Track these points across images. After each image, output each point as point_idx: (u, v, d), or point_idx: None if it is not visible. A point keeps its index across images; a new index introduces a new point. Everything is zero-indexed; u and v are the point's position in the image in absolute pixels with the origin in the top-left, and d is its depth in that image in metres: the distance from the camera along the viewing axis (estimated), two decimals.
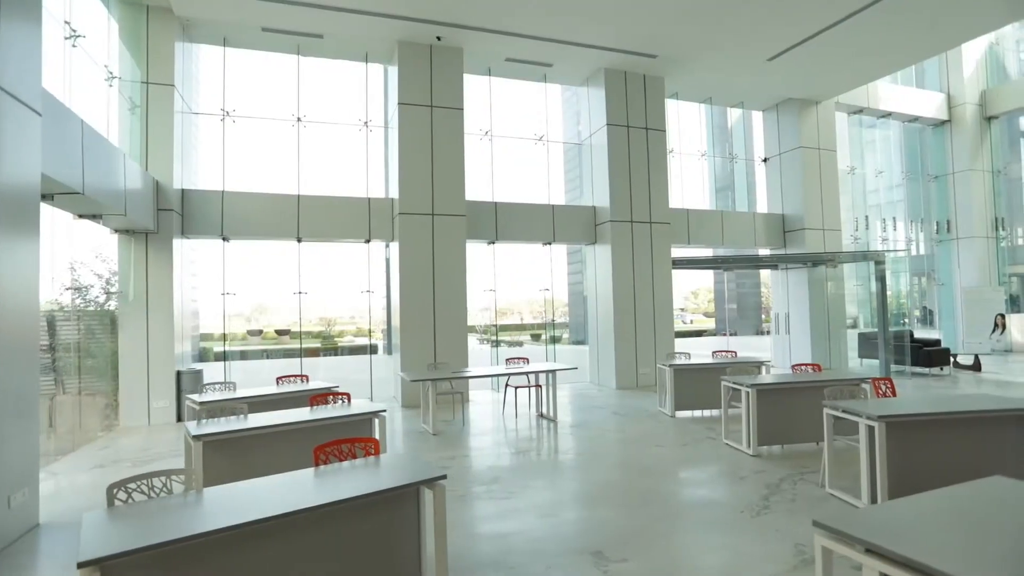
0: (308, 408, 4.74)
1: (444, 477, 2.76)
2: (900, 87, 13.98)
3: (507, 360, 7.83)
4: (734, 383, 5.56)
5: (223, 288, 9.28)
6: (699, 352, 8.42)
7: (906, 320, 15.55)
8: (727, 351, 8.10)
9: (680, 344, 10.10)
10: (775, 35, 9.03)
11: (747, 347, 18.62)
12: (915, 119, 14.14)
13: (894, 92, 13.67)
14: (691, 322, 36.95)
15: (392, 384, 9.24)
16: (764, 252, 12.36)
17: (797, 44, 9.27)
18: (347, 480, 2.75)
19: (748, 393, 5.31)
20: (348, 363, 11.67)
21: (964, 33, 9.60)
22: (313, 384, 6.22)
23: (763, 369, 7.36)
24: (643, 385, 9.71)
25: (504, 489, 4.55)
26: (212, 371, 9.59)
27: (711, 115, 12.92)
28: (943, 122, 14.45)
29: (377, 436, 4.54)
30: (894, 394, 4.91)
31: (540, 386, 7.51)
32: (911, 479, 3.85)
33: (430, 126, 8.97)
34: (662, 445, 5.86)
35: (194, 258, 9.30)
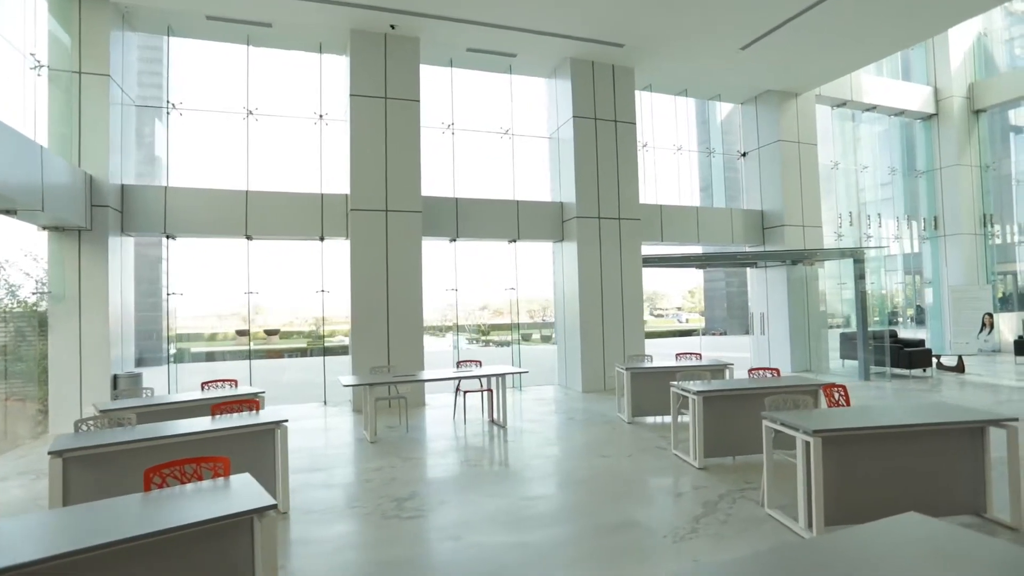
0: (209, 418, 4.35)
1: (275, 506, 2.38)
2: (885, 80, 13.57)
3: (459, 363, 7.45)
4: (682, 389, 5.17)
5: (169, 288, 8.92)
6: (681, 353, 8.04)
7: (900, 320, 15.16)
8: (692, 353, 7.71)
9: (668, 344, 9.75)
10: (746, 23, 8.64)
11: (733, 347, 18.23)
12: (901, 112, 13.73)
13: (879, 85, 13.26)
14: (686, 321, 36.74)
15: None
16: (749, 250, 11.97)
17: (769, 32, 8.88)
18: (169, 509, 2.37)
19: (694, 401, 4.92)
20: (317, 364, 11.30)
21: (944, 20, 9.20)
22: (242, 389, 5.86)
23: (728, 373, 6.99)
24: (610, 388, 9.32)
25: (417, 506, 4.17)
26: (162, 374, 9.25)
27: (701, 110, 12.54)
28: (930, 116, 14.04)
29: (279, 448, 4.15)
30: (847, 403, 4.52)
31: (491, 390, 7.12)
32: (852, 501, 3.47)
33: (384, 119, 8.58)
34: (607, 455, 5.47)
35: (163, 256, 8.97)
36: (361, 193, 8.42)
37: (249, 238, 8.71)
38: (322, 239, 8.93)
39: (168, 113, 8.66)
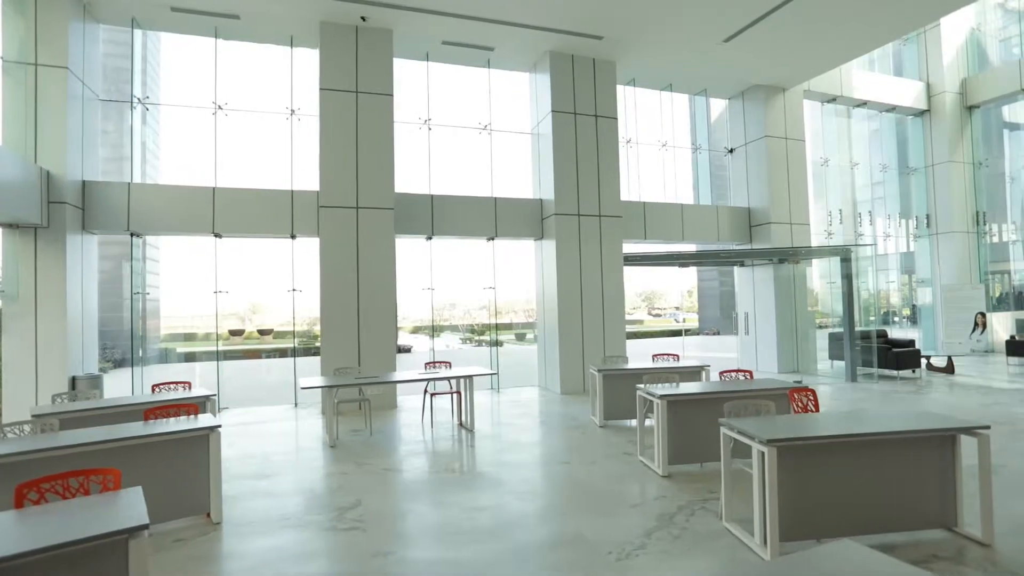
0: (141, 423, 4.12)
1: (147, 527, 2.15)
2: (876, 75, 13.31)
3: (426, 364, 7.22)
4: (647, 393, 4.94)
5: (138, 288, 8.70)
6: (658, 354, 7.81)
7: (896, 319, 14.90)
8: (670, 354, 7.47)
9: (659, 344, 9.51)
10: (727, 15, 8.39)
11: (725, 347, 17.97)
12: (892, 108, 13.47)
13: (870, 80, 13.01)
14: (683, 320, 36.51)
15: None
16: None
17: (752, 24, 8.63)
18: (33, 528, 2.14)
19: (658, 405, 4.69)
20: (301, 365, 11.08)
21: (930, 11, 8.94)
22: (195, 392, 5.63)
23: (704, 375, 6.76)
24: (589, 390, 9.07)
25: (358, 517, 3.93)
26: (137, 375, 9.05)
27: (695, 107, 12.30)
28: (922, 112, 13.78)
29: (212, 455, 3.92)
30: (816, 409, 4.28)
31: (459, 393, 6.89)
32: (812, 515, 3.24)
33: (355, 113, 8.35)
34: (569, 462, 5.24)
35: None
36: (331, 190, 8.19)
37: (218, 236, 8.48)
38: (293, 237, 8.70)
39: (134, 108, 8.43)
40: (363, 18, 8.26)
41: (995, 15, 14.01)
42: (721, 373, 5.49)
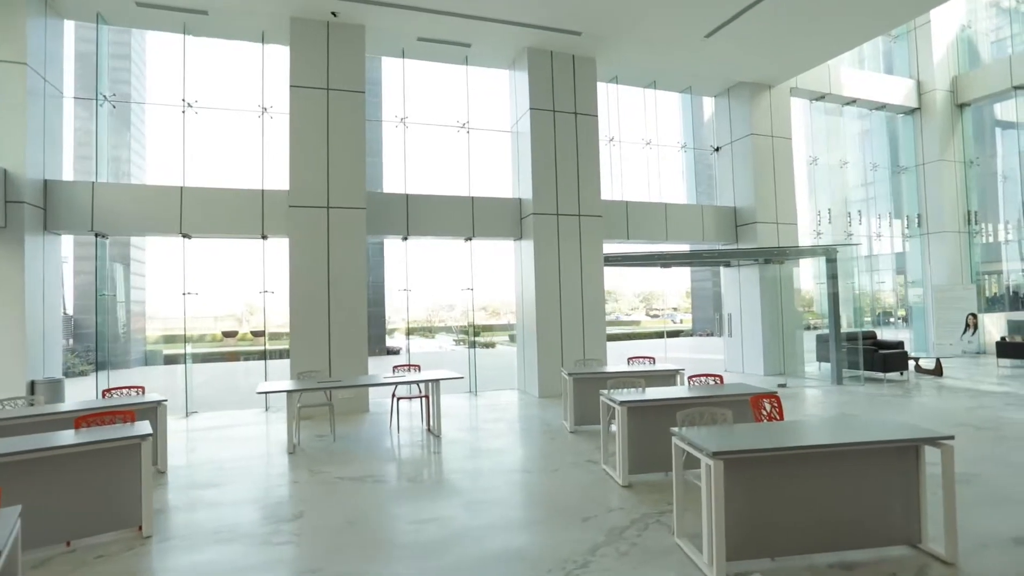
0: (72, 432, 3.93)
1: None
2: (866, 72, 13.13)
3: (394, 368, 7.02)
4: (608, 399, 4.74)
5: (103, 290, 8.52)
6: (633, 356, 7.61)
7: (892, 320, 14.70)
8: (646, 357, 7.27)
9: (654, 346, 9.30)
10: (708, 9, 8.21)
11: (717, 349, 17.76)
12: (882, 106, 13.28)
13: (859, 78, 12.82)
14: (681, 321, 36.30)
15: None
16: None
17: (733, 18, 8.44)
18: None
19: (619, 412, 4.49)
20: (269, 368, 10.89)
21: (912, 7, 8.74)
22: (147, 397, 5.44)
23: (679, 379, 6.57)
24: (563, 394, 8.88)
25: (297, 530, 3.74)
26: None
27: (688, 106, 12.11)
28: (913, 110, 13.59)
29: (143, 465, 3.72)
30: (780, 416, 4.09)
31: (427, 396, 6.69)
32: (764, 532, 3.04)
33: (326, 111, 8.16)
34: (530, 470, 5.04)
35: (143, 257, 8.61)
36: (300, 189, 8.00)
37: (186, 237, 8.29)
38: (264, 238, 8.52)
39: (101, 106, 8.24)
40: (334, 13, 8.07)
41: (986, 12, 13.81)
42: (690, 378, 5.29)
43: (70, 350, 15.40)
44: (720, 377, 5.27)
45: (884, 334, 13.53)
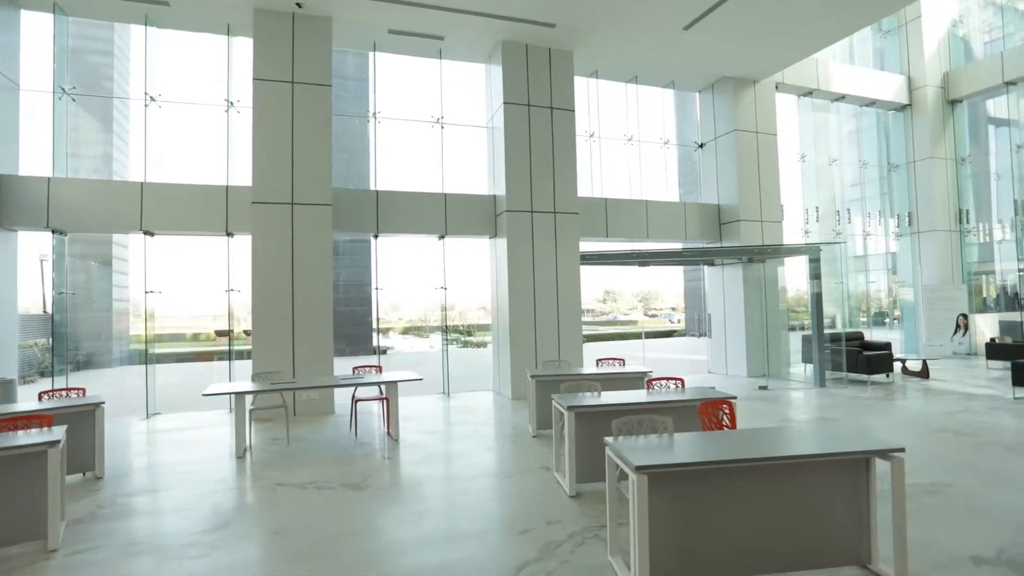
0: None
1: None
2: (856, 68, 12.87)
3: (354, 369, 6.80)
4: (558, 403, 4.51)
5: (60, 288, 8.31)
6: (602, 358, 7.39)
7: (887, 320, 14.43)
8: (615, 358, 7.04)
9: (645, 346, 9.06)
10: (684, 0, 7.96)
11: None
12: (872, 103, 13.02)
13: (848, 73, 12.56)
14: (678, 321, 36.01)
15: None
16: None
17: (711, 10, 8.19)
18: None
19: (566, 417, 4.26)
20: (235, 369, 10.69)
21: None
22: (87, 399, 5.22)
23: (647, 382, 6.32)
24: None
25: (215, 542, 3.51)
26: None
27: (682, 103, 11.87)
28: (904, 106, 13.32)
29: (49, 473, 3.51)
30: (732, 424, 3.85)
31: (387, 399, 6.46)
32: (698, 551, 2.81)
33: (291, 105, 7.93)
34: (480, 477, 4.82)
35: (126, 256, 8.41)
36: (264, 185, 7.78)
37: (148, 234, 8.08)
38: (229, 235, 8.30)
39: (60, 99, 8.02)
40: (299, 4, 7.84)
41: (978, 8, 13.53)
42: (649, 381, 5.06)
43: (48, 349, 15.23)
44: (681, 380, 5.04)
45: (877, 335, 13.30)
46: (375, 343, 9.74)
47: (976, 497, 4.06)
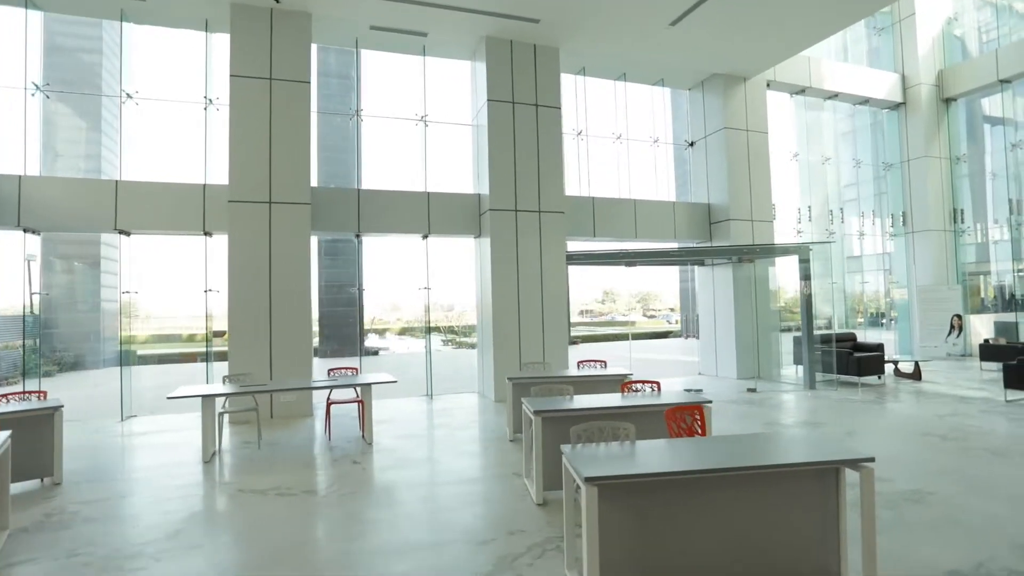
0: None
1: None
2: (848, 66, 12.71)
3: (329, 371, 6.66)
4: (527, 407, 4.36)
5: (35, 288, 8.18)
6: (583, 360, 7.24)
7: (884, 321, 14.27)
8: (597, 360, 6.89)
9: (641, 347, 8.92)
10: None
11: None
12: (866, 101, 12.87)
13: (841, 71, 12.40)
14: (676, 322, 35.82)
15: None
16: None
17: (697, 5, 8.04)
18: None
19: (534, 422, 4.11)
20: (217, 369, 10.54)
21: None
22: (46, 403, 5.08)
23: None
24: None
25: (157, 552, 3.36)
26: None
27: (676, 100, 11.72)
28: (897, 105, 13.16)
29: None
30: (703, 431, 3.70)
31: (362, 401, 6.31)
32: (654, 566, 2.66)
33: (269, 102, 7.79)
34: (448, 483, 4.67)
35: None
36: (241, 183, 7.63)
37: (125, 233, 7.94)
38: (208, 234, 8.15)
39: (33, 95, 7.88)
40: (277, 0, 7.70)
41: (972, 5, 13.36)
42: (623, 385, 4.90)
43: (35, 351, 15.08)
44: (657, 384, 4.89)
45: (874, 336, 13.15)
46: (360, 345, 9.58)
47: (958, 506, 3.91)
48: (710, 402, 4.25)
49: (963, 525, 3.59)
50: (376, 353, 20.99)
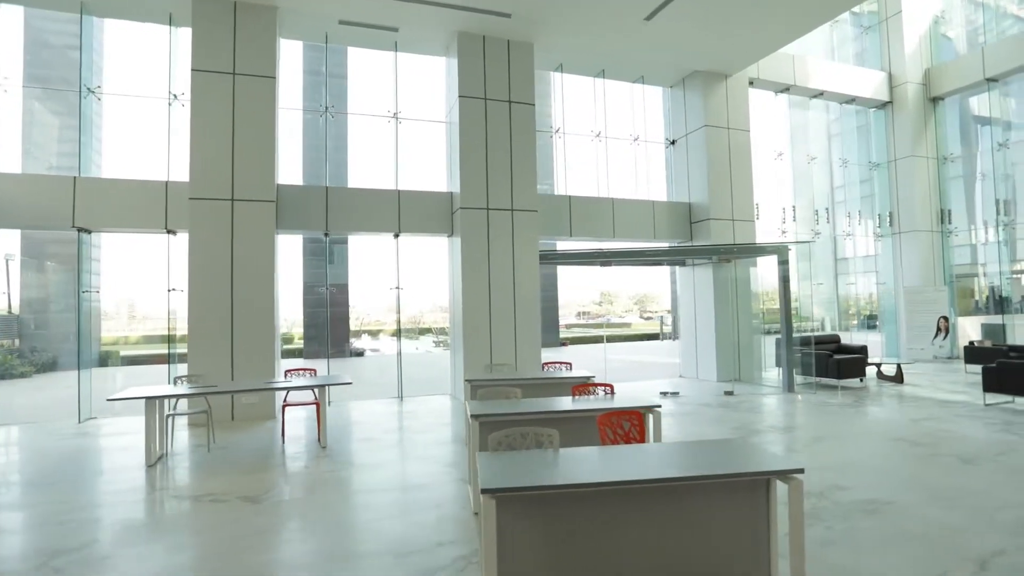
0: None
1: None
2: (834, 64, 12.54)
3: (286, 372, 6.48)
4: (468, 411, 4.18)
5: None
6: (548, 362, 7.06)
7: (877, 324, 14.07)
8: (562, 362, 6.71)
9: (628, 348, 8.73)
10: None
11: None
12: (852, 99, 12.69)
13: (826, 69, 12.23)
14: (671, 323, 35.61)
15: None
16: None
17: None
18: None
19: (471, 427, 3.94)
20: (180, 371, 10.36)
21: None
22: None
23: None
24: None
25: (65, 565, 3.18)
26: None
27: (667, 98, 11.56)
28: (884, 103, 12.99)
29: None
30: (640, 437, 3.51)
31: (317, 403, 6.14)
32: None
33: (232, 97, 7.62)
34: (392, 489, 4.49)
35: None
36: (202, 180, 7.45)
37: (85, 231, 7.77)
38: (171, 232, 7.98)
39: (5, 91, 7.72)
40: None
41: (959, 1, 13.18)
42: (574, 388, 4.71)
43: (14, 351, 14.91)
44: (610, 386, 4.71)
45: (868, 338, 12.96)
46: (326, 346, 9.39)
47: (915, 518, 3.73)
48: (658, 406, 4.07)
49: (917, 538, 3.41)
50: (362, 354, 20.80)
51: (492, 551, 2.31)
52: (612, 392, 4.71)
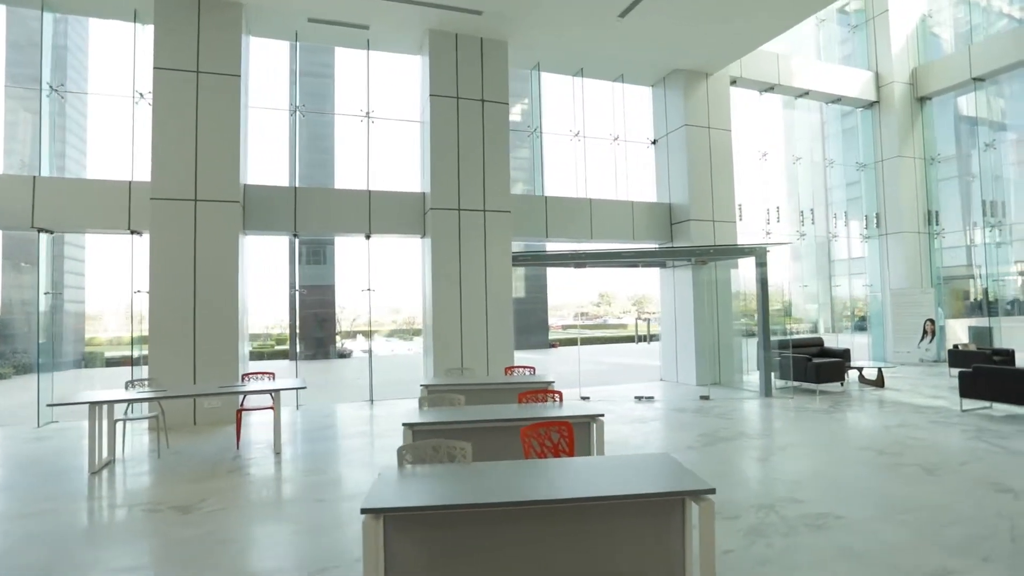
0: None
1: None
2: (820, 63, 12.37)
3: (243, 376, 6.35)
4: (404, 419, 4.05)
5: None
6: (511, 367, 6.92)
7: (867, 327, 13.89)
8: (526, 367, 6.57)
9: (617, 351, 8.59)
10: None
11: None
12: (838, 99, 12.52)
13: (812, 68, 12.06)
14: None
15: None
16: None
17: None
18: None
19: (404, 434, 3.80)
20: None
21: None
22: None
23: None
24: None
25: None
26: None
27: (660, 97, 11.40)
28: (871, 103, 12.81)
29: None
30: (570, 450, 3.37)
31: (272, 407, 6.01)
32: None
33: (195, 95, 7.49)
34: (332, 499, 4.36)
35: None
36: (164, 179, 7.33)
37: (47, 232, 7.65)
38: (135, 233, 7.86)
39: None
40: None
41: (947, 1, 12.98)
42: (520, 395, 4.57)
43: None
44: (559, 394, 4.56)
45: (859, 341, 12.80)
46: (295, 348, 9.27)
47: (862, 534, 3.57)
48: (601, 415, 3.94)
49: (856, 556, 3.26)
50: (348, 356, 20.69)
51: (378, 569, 2.18)
52: (560, 400, 4.56)
